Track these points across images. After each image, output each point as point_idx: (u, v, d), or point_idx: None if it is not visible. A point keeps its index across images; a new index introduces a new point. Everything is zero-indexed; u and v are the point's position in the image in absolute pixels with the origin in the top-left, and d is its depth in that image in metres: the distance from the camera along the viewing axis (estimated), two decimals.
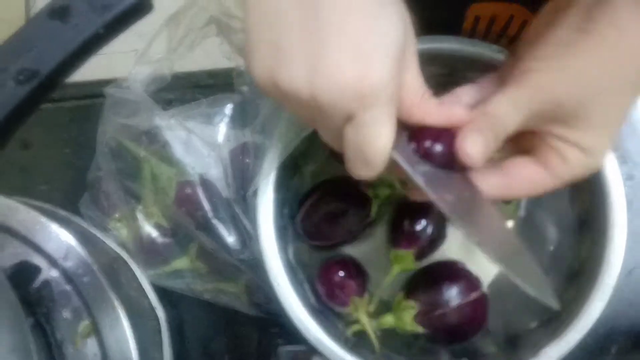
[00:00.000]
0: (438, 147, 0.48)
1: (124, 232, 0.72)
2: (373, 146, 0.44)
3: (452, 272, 0.63)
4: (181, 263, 0.71)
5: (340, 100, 0.42)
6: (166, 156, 0.70)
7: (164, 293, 0.71)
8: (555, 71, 0.45)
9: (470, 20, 0.71)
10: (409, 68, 0.46)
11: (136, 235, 0.71)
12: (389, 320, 0.63)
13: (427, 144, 0.48)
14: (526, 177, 0.49)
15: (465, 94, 0.53)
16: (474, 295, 0.61)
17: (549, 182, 0.49)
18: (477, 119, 0.48)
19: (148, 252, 0.71)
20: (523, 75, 0.46)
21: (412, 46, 0.46)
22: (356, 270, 0.66)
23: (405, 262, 0.64)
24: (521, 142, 0.51)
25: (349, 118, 0.43)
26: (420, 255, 0.64)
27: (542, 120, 0.47)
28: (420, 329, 0.61)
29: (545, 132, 0.48)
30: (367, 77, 0.41)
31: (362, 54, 0.41)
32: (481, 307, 0.62)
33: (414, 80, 0.47)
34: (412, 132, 0.49)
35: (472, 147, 0.47)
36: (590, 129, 0.46)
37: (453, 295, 0.61)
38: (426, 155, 0.48)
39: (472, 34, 0.73)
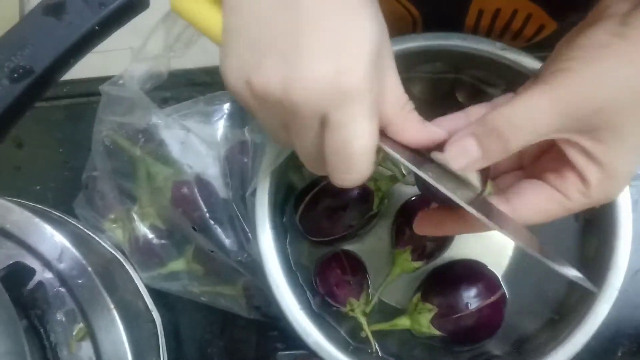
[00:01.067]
0: None
1: (119, 233, 0.71)
2: (353, 147, 0.42)
3: (471, 272, 0.63)
4: (177, 265, 0.70)
5: (316, 98, 0.40)
6: (162, 155, 0.70)
7: (160, 296, 0.70)
8: (595, 71, 0.43)
9: (473, 15, 0.70)
10: (388, 75, 0.44)
11: (131, 236, 0.70)
12: (404, 322, 0.63)
13: None
14: (534, 204, 0.46)
15: (456, 119, 0.50)
16: (494, 297, 0.61)
17: (561, 209, 0.46)
18: (477, 121, 0.44)
19: (144, 254, 0.70)
20: (557, 74, 0.43)
21: (389, 52, 0.44)
22: (352, 265, 0.65)
23: (406, 263, 0.63)
24: (530, 168, 0.48)
25: (325, 119, 0.42)
26: (424, 256, 0.63)
27: (566, 127, 0.44)
28: (436, 332, 0.61)
29: (568, 145, 0.45)
30: (346, 73, 0.40)
31: (341, 50, 0.40)
32: (499, 308, 0.62)
33: (394, 88, 0.45)
34: None
35: (453, 152, 0.44)
36: (619, 143, 0.44)
37: (472, 297, 0.60)
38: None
39: (475, 30, 0.72)
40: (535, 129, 0.43)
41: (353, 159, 0.43)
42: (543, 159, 0.48)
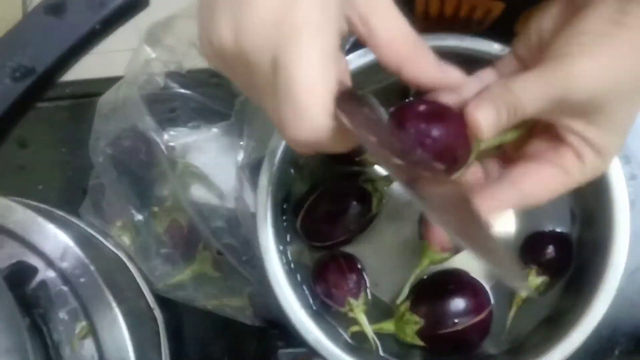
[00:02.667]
0: (432, 131, 0.45)
1: (125, 240, 0.71)
2: (298, 88, 0.38)
3: (462, 287, 0.62)
4: (183, 276, 0.70)
5: (264, 41, 0.38)
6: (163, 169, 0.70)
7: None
8: (592, 57, 0.43)
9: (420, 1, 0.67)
10: (380, 10, 0.43)
11: (137, 245, 0.70)
12: (389, 327, 0.63)
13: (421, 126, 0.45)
14: (540, 182, 0.47)
15: (487, 75, 0.52)
16: (480, 316, 0.60)
17: (563, 185, 0.47)
18: (494, 90, 0.45)
19: (150, 263, 0.70)
20: (556, 59, 0.44)
21: None
22: (349, 265, 0.65)
23: (435, 254, 0.62)
24: (527, 146, 0.49)
25: (274, 66, 0.38)
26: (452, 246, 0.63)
27: (564, 110, 0.45)
28: (420, 343, 0.61)
29: (562, 127, 0.46)
30: (288, 14, 0.37)
31: None
32: (485, 326, 0.62)
33: (395, 24, 0.43)
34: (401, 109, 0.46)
35: (484, 116, 0.44)
36: (611, 126, 0.45)
37: (459, 315, 0.60)
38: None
39: (426, 16, 0.69)
40: (525, 109, 0.44)
41: (300, 103, 0.38)
42: (537, 140, 0.49)
